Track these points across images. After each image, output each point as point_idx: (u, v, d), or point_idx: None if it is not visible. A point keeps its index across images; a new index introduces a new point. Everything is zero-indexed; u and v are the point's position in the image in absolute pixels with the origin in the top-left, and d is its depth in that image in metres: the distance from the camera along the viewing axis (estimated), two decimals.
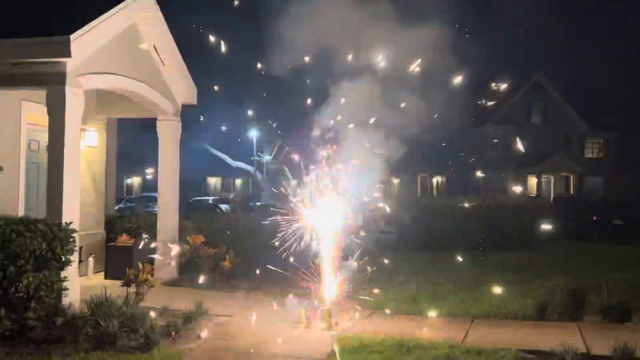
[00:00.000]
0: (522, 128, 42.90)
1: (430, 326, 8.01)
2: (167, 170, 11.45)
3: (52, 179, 8.11)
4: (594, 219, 22.27)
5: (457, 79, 8.76)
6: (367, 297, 9.56)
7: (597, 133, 44.71)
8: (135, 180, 50.53)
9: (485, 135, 43.83)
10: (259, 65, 8.33)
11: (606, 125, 44.46)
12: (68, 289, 7.58)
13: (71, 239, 7.47)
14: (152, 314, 7.95)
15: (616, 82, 43.87)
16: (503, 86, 8.62)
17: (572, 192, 42.51)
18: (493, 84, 8.51)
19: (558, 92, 44.11)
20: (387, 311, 8.88)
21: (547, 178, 43.94)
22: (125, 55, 9.67)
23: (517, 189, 31.46)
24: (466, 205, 17.09)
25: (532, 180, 43.35)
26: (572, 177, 43.72)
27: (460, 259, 11.14)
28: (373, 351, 6.68)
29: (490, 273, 12.07)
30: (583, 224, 22.13)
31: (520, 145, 39.06)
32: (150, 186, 44.13)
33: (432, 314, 8.72)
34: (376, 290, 9.84)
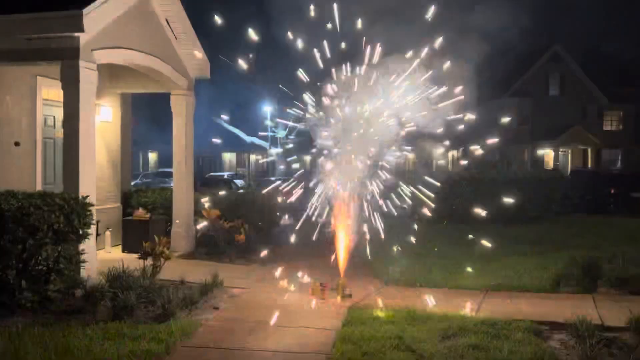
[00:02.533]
0: (539, 100, 42.35)
1: (444, 298, 8.04)
2: (181, 144, 11.49)
3: (68, 153, 8.19)
4: (611, 192, 22.04)
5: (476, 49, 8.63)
6: (381, 270, 9.63)
7: (616, 105, 43.91)
8: (151, 156, 50.90)
9: (502, 108, 43.31)
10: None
11: (625, 97, 43.64)
12: (86, 262, 7.73)
13: (88, 212, 7.58)
14: (169, 286, 8.10)
15: (635, 53, 42.93)
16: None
17: (589, 165, 41.99)
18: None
19: (577, 63, 43.30)
20: (401, 283, 8.94)
21: (564, 151, 43.43)
22: (138, 29, 9.65)
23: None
24: (482, 177, 16.98)
25: (550, 154, 42.88)
26: (589, 150, 43.14)
27: (474, 232, 11.10)
28: (386, 322, 6.73)
29: (506, 246, 12.03)
30: (600, 197, 21.91)
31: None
32: (166, 161, 44.46)
33: (446, 286, 8.76)
34: (390, 263, 9.91)
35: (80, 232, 7.46)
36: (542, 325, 6.72)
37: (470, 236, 10.01)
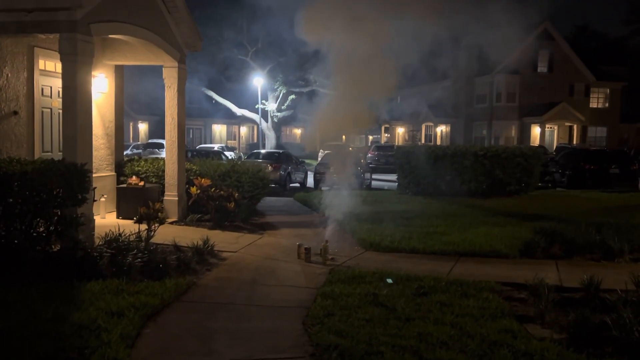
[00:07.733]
0: (527, 77, 42.84)
1: (419, 262, 8.65)
2: (173, 115, 11.89)
3: (67, 123, 8.58)
4: (590, 168, 22.73)
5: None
6: (363, 236, 10.20)
7: (603, 83, 44.52)
8: (141, 127, 50.93)
9: (491, 84, 43.78)
10: None
11: (612, 75, 44.24)
12: (84, 225, 8.20)
13: (87, 179, 8.04)
14: (163, 249, 8.62)
15: (624, 31, 43.31)
16: None
17: (575, 141, 42.74)
18: None
19: (566, 41, 43.68)
20: (381, 249, 9.51)
21: (550, 127, 44.12)
22: (133, 3, 9.97)
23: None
24: (463, 153, 17.50)
25: (536, 130, 43.54)
26: (575, 126, 43.86)
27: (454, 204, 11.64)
28: (364, 282, 7.30)
29: (483, 217, 12.66)
30: (580, 173, 22.62)
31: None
32: (157, 132, 44.61)
33: (423, 251, 9.34)
34: (372, 230, 10.48)
35: (79, 197, 7.93)
36: (506, 286, 7.35)
37: None
